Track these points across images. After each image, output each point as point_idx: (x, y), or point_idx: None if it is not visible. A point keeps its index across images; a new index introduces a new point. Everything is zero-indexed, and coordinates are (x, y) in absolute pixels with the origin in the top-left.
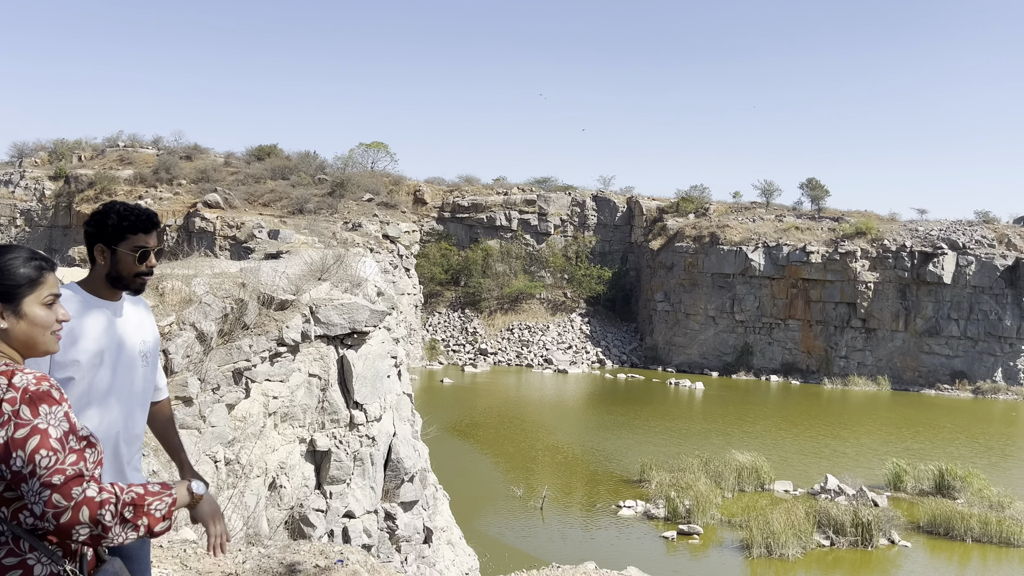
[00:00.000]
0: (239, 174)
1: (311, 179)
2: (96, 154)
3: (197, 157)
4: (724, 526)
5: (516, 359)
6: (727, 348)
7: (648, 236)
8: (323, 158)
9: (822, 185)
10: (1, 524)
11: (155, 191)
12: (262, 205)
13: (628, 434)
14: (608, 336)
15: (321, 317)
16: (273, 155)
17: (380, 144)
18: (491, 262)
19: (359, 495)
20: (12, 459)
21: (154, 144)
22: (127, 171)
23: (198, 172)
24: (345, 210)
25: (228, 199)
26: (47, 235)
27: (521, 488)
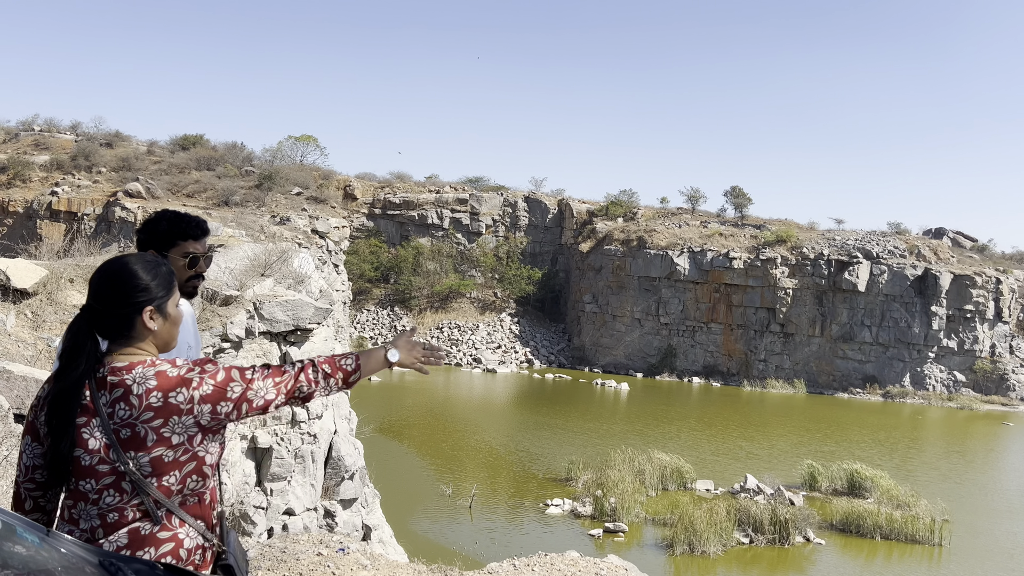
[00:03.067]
0: (163, 163)
1: (238, 171)
2: (9, 138)
3: (118, 145)
4: (648, 524)
5: (445, 358)
6: (652, 350)
7: (578, 238)
8: (250, 150)
9: (745, 193)
10: (161, 504)
11: (73, 178)
12: (186, 196)
13: (555, 433)
14: (537, 336)
15: (265, 314)
16: (199, 145)
17: (309, 137)
18: (422, 260)
19: (299, 492)
20: (223, 403)
21: (72, 130)
22: (43, 157)
23: (119, 160)
24: (273, 203)
25: (151, 189)
26: None
27: (450, 487)
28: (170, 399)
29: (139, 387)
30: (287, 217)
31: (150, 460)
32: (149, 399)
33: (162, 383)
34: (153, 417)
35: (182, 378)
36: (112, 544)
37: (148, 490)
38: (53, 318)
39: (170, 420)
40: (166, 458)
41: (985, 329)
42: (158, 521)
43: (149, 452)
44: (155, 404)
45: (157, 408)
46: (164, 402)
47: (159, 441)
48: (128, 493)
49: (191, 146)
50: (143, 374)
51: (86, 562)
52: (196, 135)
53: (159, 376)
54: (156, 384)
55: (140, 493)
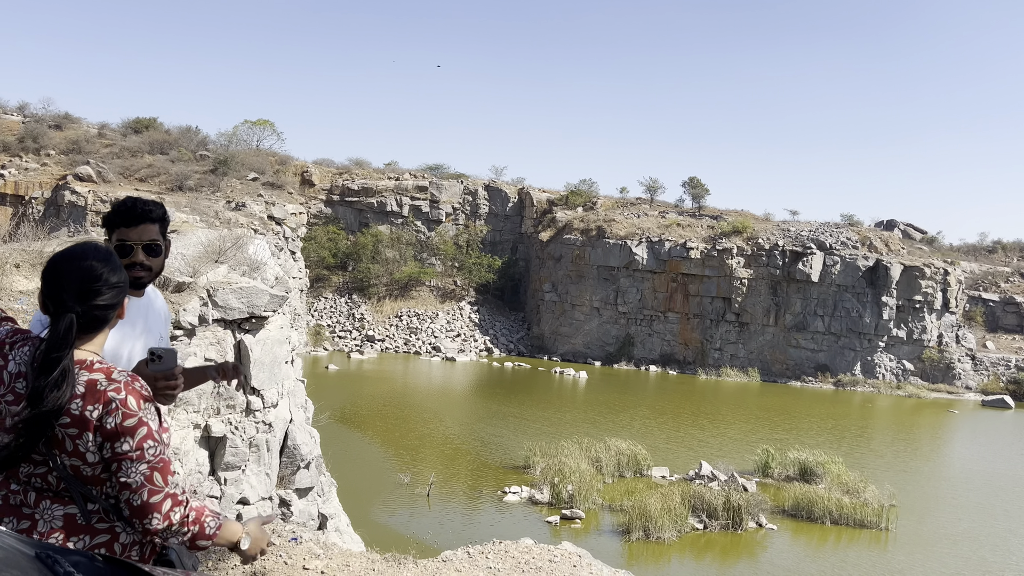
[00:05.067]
0: (114, 147)
1: (192, 155)
2: None
3: (68, 127)
4: (605, 511)
5: (404, 346)
6: (610, 339)
7: (538, 227)
8: (205, 134)
9: (703, 184)
10: (96, 501)
11: (20, 161)
12: (139, 180)
13: (514, 421)
14: (496, 325)
15: (219, 300)
16: (152, 128)
17: (266, 122)
18: (381, 248)
19: (254, 481)
20: (119, 442)
21: (19, 111)
22: None
23: (69, 143)
24: (228, 189)
25: (102, 172)
26: None
27: (408, 475)
28: (85, 413)
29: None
30: (243, 203)
31: (70, 466)
32: (70, 405)
33: (88, 390)
34: (71, 424)
35: (102, 395)
36: (47, 524)
37: (76, 487)
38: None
39: (83, 435)
40: (85, 471)
41: (933, 319)
42: (88, 519)
43: (69, 458)
44: (74, 412)
45: (76, 416)
46: (80, 414)
47: (74, 453)
48: (54, 486)
49: (144, 129)
50: (78, 377)
51: (22, 554)
52: (149, 118)
53: (88, 385)
54: (83, 391)
55: (69, 488)
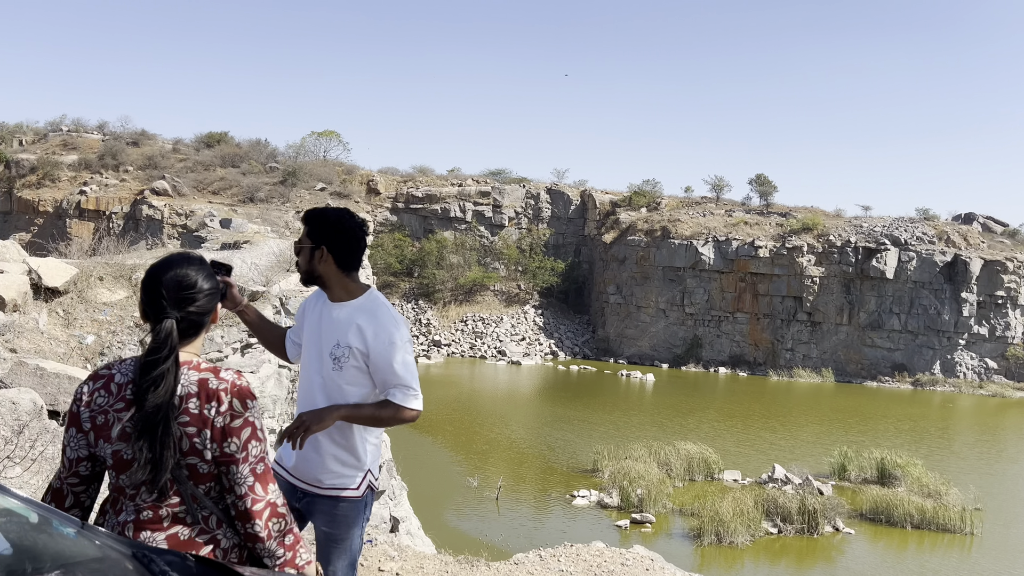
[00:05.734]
0: (188, 161)
1: (262, 167)
2: (38, 138)
3: (144, 143)
4: (675, 515)
5: (470, 351)
6: (677, 340)
7: (601, 229)
8: (274, 146)
9: (770, 181)
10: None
11: (100, 177)
12: (212, 193)
13: (580, 425)
14: (561, 328)
15: (291, 308)
16: (223, 142)
17: (332, 133)
18: (445, 253)
19: None
20: (227, 442)
21: (99, 129)
22: (71, 156)
23: (145, 159)
24: (297, 199)
25: (176, 186)
26: None
27: (476, 479)
28: (204, 411)
29: (183, 388)
30: None
31: (187, 465)
32: (187, 404)
33: (202, 389)
34: (189, 423)
35: (215, 393)
36: (152, 542)
37: (188, 489)
38: (84, 316)
39: (202, 432)
40: (201, 468)
41: (1017, 315)
42: (196, 522)
43: (186, 457)
44: (192, 410)
45: (195, 414)
46: (199, 412)
47: (191, 451)
48: (166, 491)
49: (216, 143)
50: (188, 377)
51: (120, 554)
52: (220, 132)
53: (201, 384)
54: (197, 391)
55: (180, 491)
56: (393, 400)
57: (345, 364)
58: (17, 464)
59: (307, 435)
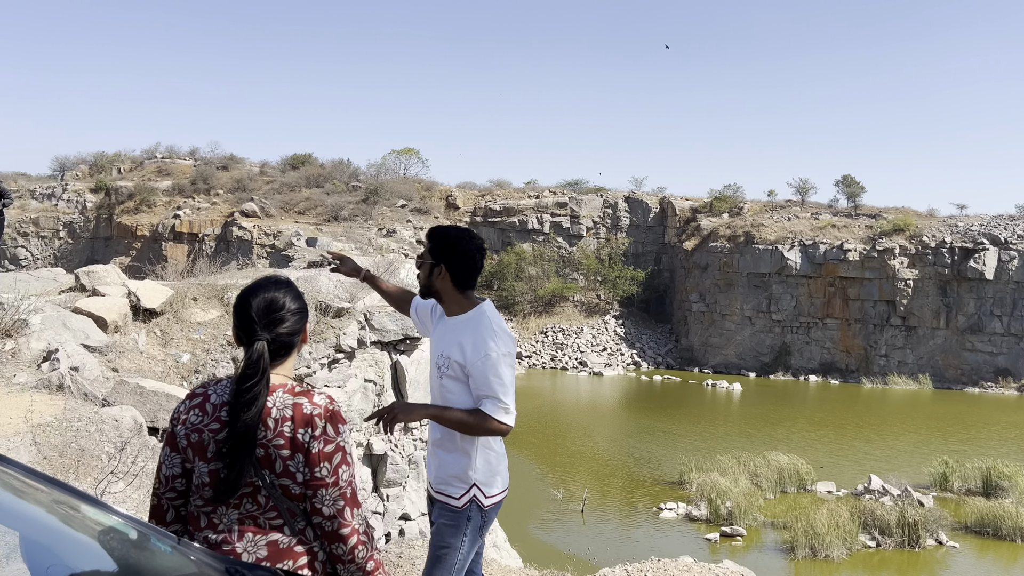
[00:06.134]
0: (275, 183)
1: (345, 187)
2: (135, 166)
3: (233, 167)
4: (767, 527)
5: (551, 362)
6: (764, 348)
7: (681, 236)
8: (356, 165)
9: (858, 182)
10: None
11: (193, 201)
12: (298, 213)
13: (665, 436)
14: (643, 338)
15: (375, 324)
16: (307, 164)
17: (411, 150)
18: (524, 265)
19: (414, 498)
20: (319, 467)
21: (191, 155)
22: (165, 182)
23: (234, 182)
24: (379, 216)
25: (264, 208)
26: (89, 246)
27: (561, 491)
28: (297, 435)
29: (278, 411)
30: (393, 229)
31: (280, 486)
32: (282, 427)
33: (297, 414)
34: (283, 446)
35: (309, 418)
36: (251, 555)
37: (284, 504)
38: (180, 335)
39: (295, 456)
40: (293, 490)
41: None
42: (294, 533)
43: (279, 478)
44: (287, 434)
45: (289, 438)
46: (293, 436)
47: (284, 473)
48: (263, 505)
49: (300, 165)
50: (283, 400)
51: (214, 569)
52: (305, 154)
53: (295, 408)
54: (292, 415)
55: (277, 506)
56: (483, 409)
57: (445, 374)
58: (120, 479)
59: (394, 423)
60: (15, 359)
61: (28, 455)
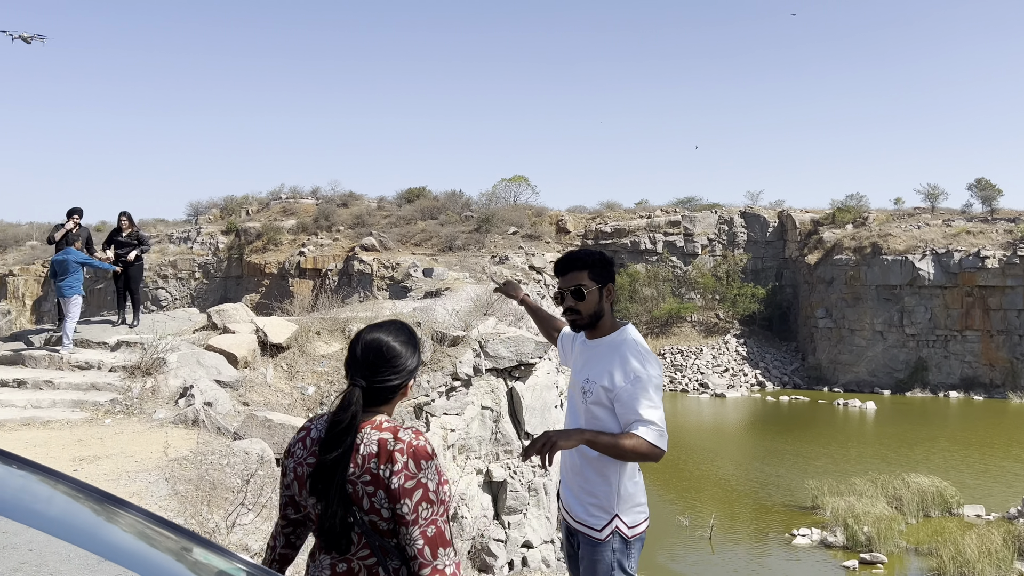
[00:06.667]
0: (391, 217)
1: (458, 217)
2: (262, 207)
3: (352, 204)
4: (910, 554)
5: (670, 384)
6: (898, 364)
7: (803, 250)
8: (468, 196)
9: (993, 185)
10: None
11: (316, 238)
12: (414, 245)
13: (794, 459)
14: (767, 357)
15: (490, 351)
16: (422, 196)
17: (521, 178)
18: (638, 287)
19: (535, 525)
20: (400, 504)
21: (313, 194)
22: (290, 221)
23: (354, 218)
24: (492, 244)
25: (383, 241)
26: (222, 285)
27: (687, 517)
28: (380, 471)
29: (365, 447)
30: (505, 256)
31: (368, 522)
32: (368, 463)
33: (381, 449)
34: (369, 482)
35: (391, 453)
36: None
37: (376, 541)
38: (304, 368)
39: (378, 492)
40: (381, 526)
41: None
42: (388, 573)
43: (367, 514)
44: (372, 470)
45: (374, 474)
46: (376, 471)
47: (371, 510)
48: (356, 543)
49: (415, 198)
50: (370, 436)
51: None
52: (419, 187)
53: (380, 444)
54: (376, 450)
55: (369, 544)
56: (636, 433)
57: (590, 399)
58: (250, 510)
59: (553, 450)
60: (155, 396)
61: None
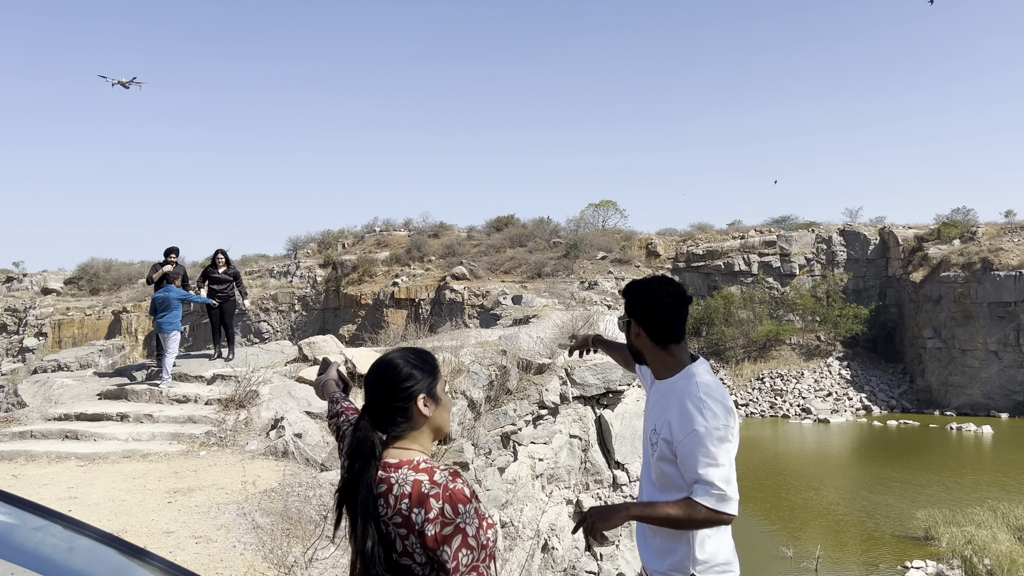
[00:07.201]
0: (481, 246)
1: (546, 243)
2: (357, 240)
3: (443, 234)
4: None
5: (770, 410)
6: (1016, 385)
7: (907, 268)
8: (556, 222)
9: None
10: None
11: (408, 269)
12: (503, 273)
13: (904, 487)
14: (872, 380)
15: (577, 379)
16: (510, 225)
17: (609, 202)
18: (733, 309)
19: (628, 557)
20: (438, 552)
21: (405, 226)
22: (384, 253)
23: (445, 248)
24: (580, 270)
25: (473, 270)
26: (320, 317)
27: (790, 548)
28: (412, 515)
29: (399, 488)
30: (594, 281)
31: (402, 565)
32: (400, 504)
33: (414, 492)
34: (400, 524)
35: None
36: None
37: None
38: None
39: (410, 536)
40: (416, 571)
41: None
42: None
43: (401, 557)
44: (404, 512)
45: (405, 517)
46: (408, 514)
47: (404, 552)
48: None
49: (504, 227)
50: (404, 476)
51: None
52: (508, 216)
53: (414, 485)
54: (409, 491)
55: None
56: (695, 498)
57: (657, 453)
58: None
59: (595, 534)
60: (248, 427)
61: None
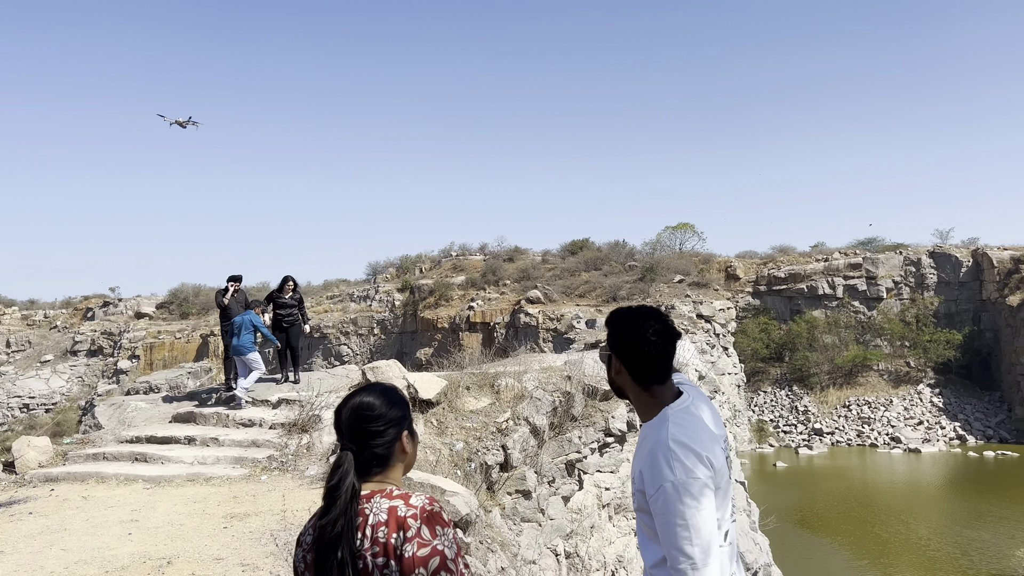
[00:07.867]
0: (555, 269)
1: (622, 267)
2: (434, 265)
3: (518, 258)
4: None
5: (856, 438)
6: None
7: (1003, 291)
8: (632, 245)
9: None
10: None
11: (484, 293)
12: (578, 296)
13: (1001, 523)
14: (967, 408)
15: None
16: (585, 248)
17: (687, 225)
18: (817, 334)
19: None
20: (415, 573)
21: (481, 250)
22: (460, 277)
23: (520, 272)
24: (657, 293)
25: (547, 294)
26: (398, 341)
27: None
28: (391, 540)
29: (374, 517)
30: (671, 305)
31: None
32: (377, 533)
33: (391, 517)
34: (379, 553)
35: (403, 520)
36: None
37: None
38: (454, 424)
39: (389, 563)
40: None
41: None
42: None
43: None
44: (381, 540)
45: (382, 544)
46: (386, 541)
47: None
48: None
49: (579, 250)
50: (379, 505)
51: None
52: (582, 239)
53: (390, 512)
54: (385, 518)
55: None
56: (673, 570)
57: (635, 501)
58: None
59: None
60: (309, 452)
61: None
